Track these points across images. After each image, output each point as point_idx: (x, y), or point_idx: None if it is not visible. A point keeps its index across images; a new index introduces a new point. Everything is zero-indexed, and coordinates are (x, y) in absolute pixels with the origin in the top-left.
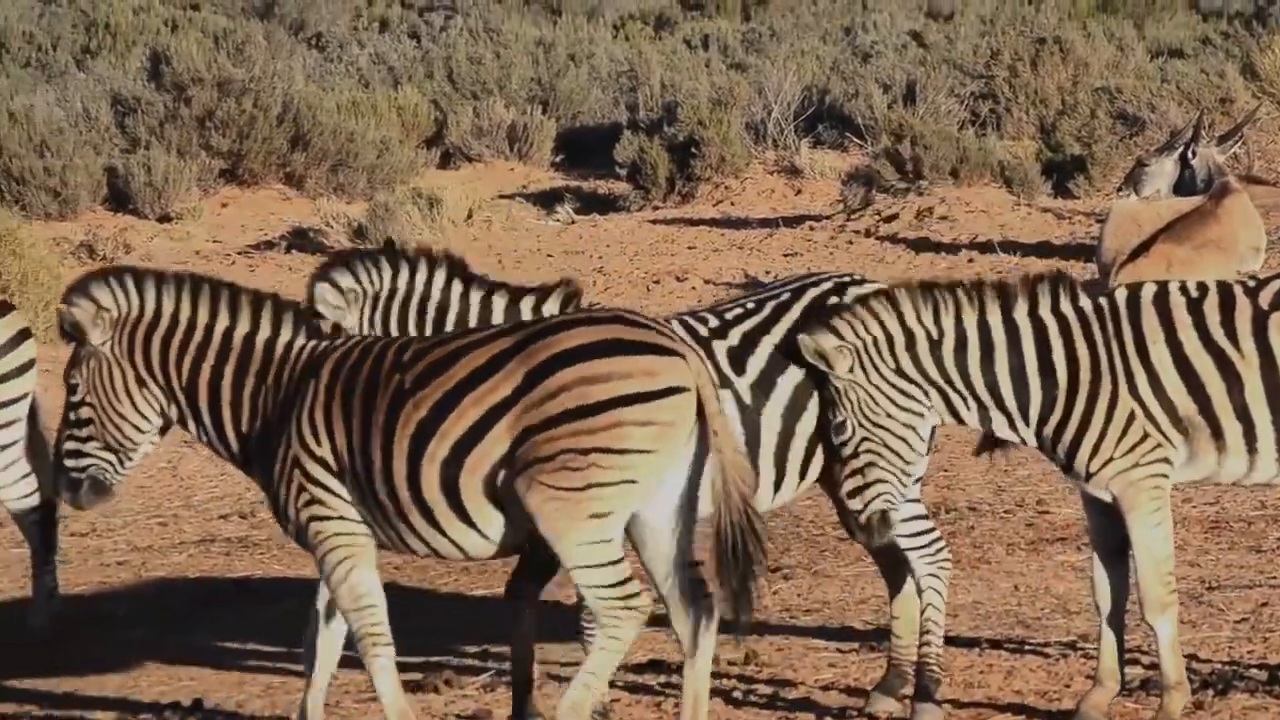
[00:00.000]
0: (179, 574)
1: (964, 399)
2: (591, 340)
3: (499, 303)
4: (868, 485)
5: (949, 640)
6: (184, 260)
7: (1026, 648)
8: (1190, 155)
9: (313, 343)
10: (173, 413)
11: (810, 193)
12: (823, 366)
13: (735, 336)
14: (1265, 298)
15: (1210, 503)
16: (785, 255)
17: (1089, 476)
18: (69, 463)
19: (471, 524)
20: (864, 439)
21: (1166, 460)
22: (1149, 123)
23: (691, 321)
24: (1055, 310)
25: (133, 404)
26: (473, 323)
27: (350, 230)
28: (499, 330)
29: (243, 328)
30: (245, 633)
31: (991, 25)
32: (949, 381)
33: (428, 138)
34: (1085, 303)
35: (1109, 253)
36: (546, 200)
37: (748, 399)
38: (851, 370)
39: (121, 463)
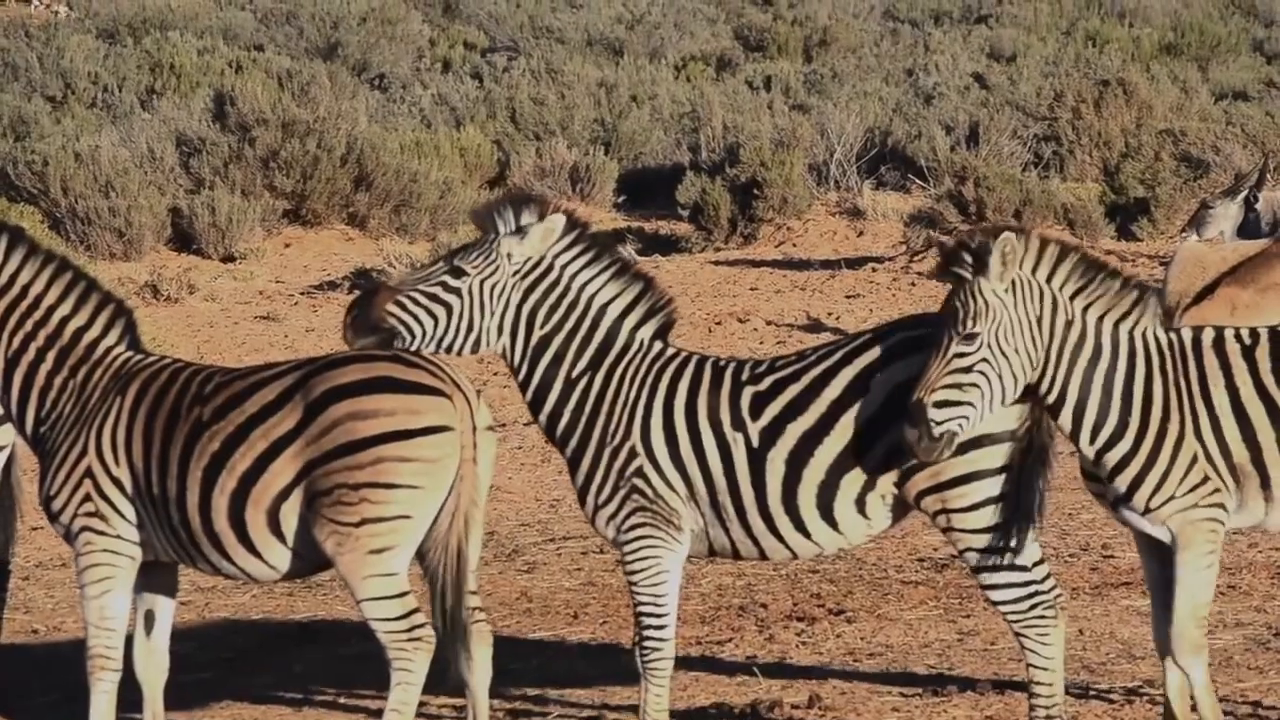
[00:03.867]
0: (242, 615)
1: (1054, 388)
2: (362, 378)
3: None
4: (958, 404)
5: (1011, 685)
6: (247, 300)
7: (1091, 693)
8: (1255, 198)
9: (128, 354)
10: None
11: (872, 234)
12: (989, 271)
13: (766, 383)
14: None
15: (1276, 548)
16: (848, 297)
17: (1148, 511)
18: None
19: (256, 553)
20: (982, 359)
21: (1223, 506)
22: (1213, 165)
23: (738, 365)
24: (1153, 333)
25: None
26: None
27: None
28: (290, 365)
29: (77, 321)
30: (309, 675)
31: (1055, 67)
32: (1057, 366)
33: (490, 178)
34: (1166, 335)
35: (1173, 295)
36: None
37: (756, 443)
38: (1008, 292)
39: None
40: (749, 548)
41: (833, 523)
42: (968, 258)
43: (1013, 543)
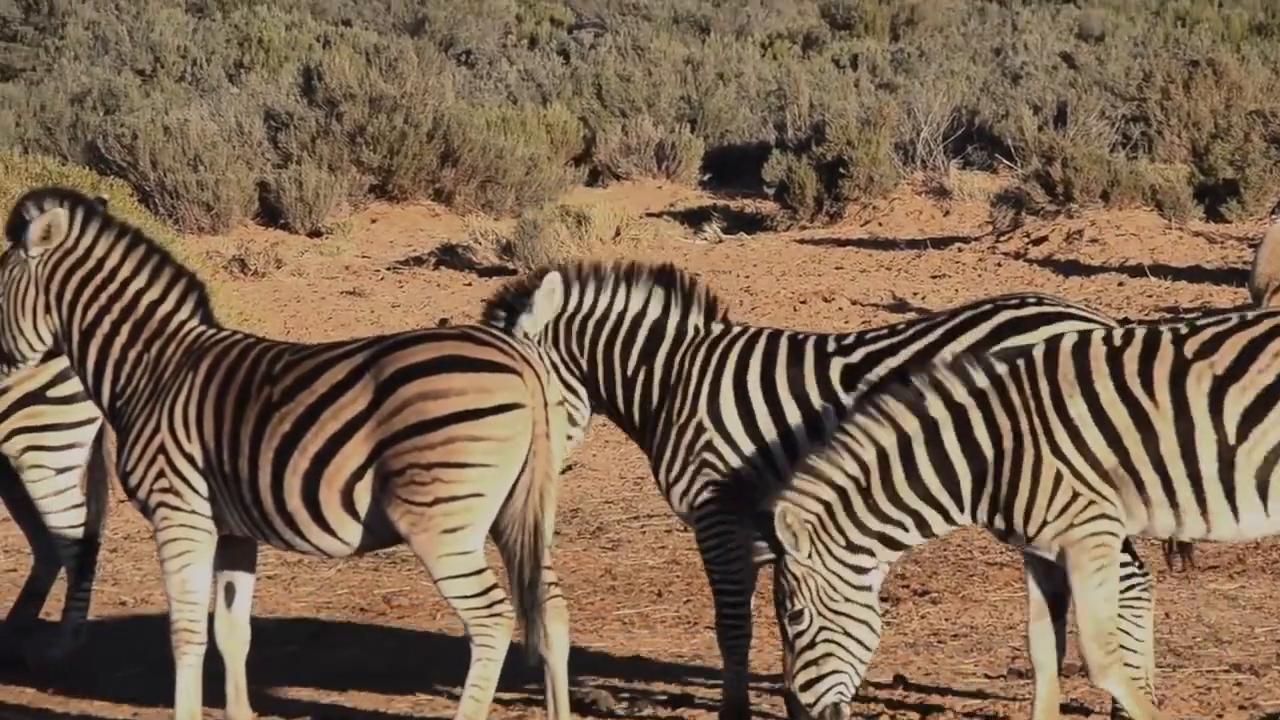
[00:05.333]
0: (327, 589)
1: (908, 521)
2: (432, 357)
3: None
4: (822, 677)
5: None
6: (334, 274)
7: (1178, 676)
8: None
9: (201, 329)
10: (64, 348)
11: (959, 214)
12: (790, 547)
13: (858, 355)
14: (1190, 347)
15: None
16: (933, 277)
17: (1030, 541)
18: None
19: (330, 531)
20: (822, 628)
21: (1106, 517)
22: None
23: (820, 339)
24: (972, 391)
25: (34, 324)
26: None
27: (498, 247)
28: (359, 344)
29: (152, 294)
30: (393, 649)
31: (1144, 47)
32: (901, 509)
33: (576, 155)
34: (997, 370)
35: (1262, 278)
36: (694, 219)
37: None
38: (810, 556)
39: (4, 369)
40: None
41: None
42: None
43: None
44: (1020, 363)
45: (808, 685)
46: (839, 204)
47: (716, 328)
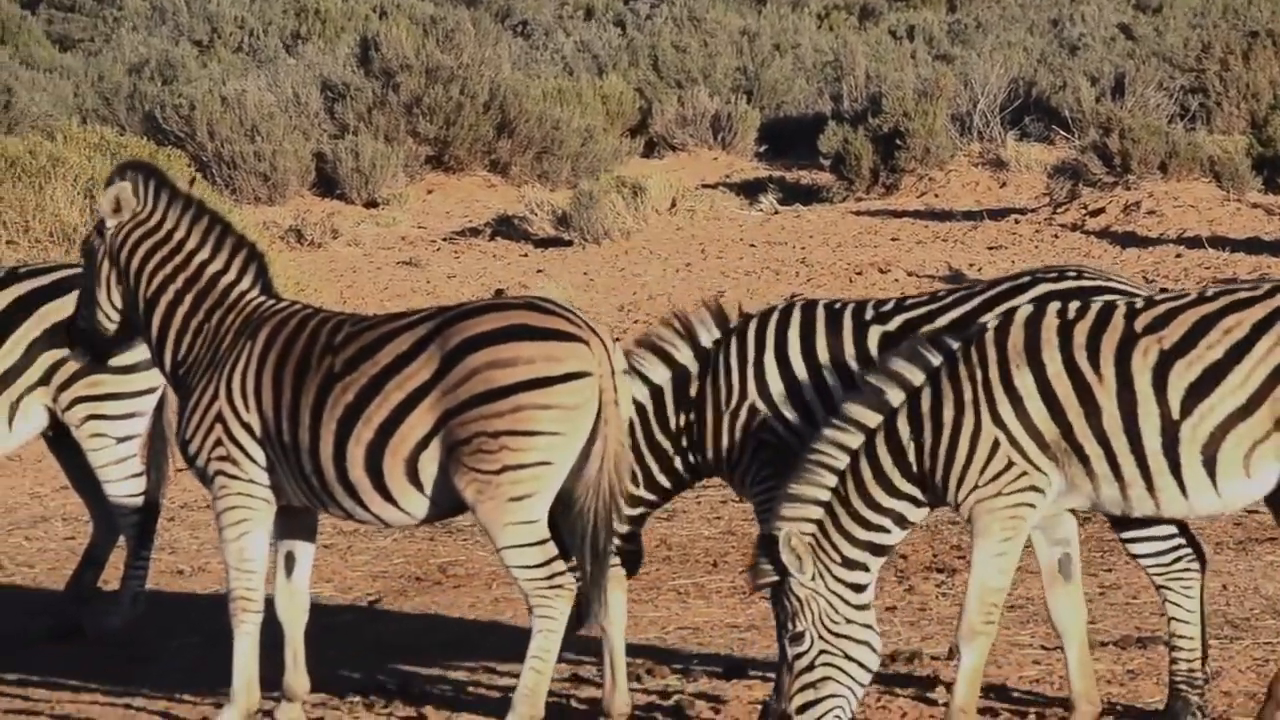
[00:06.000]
0: (383, 558)
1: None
2: (499, 326)
3: None
4: (820, 700)
5: (1155, 641)
6: (390, 245)
7: (1235, 648)
8: None
9: (260, 298)
10: (132, 318)
11: (1015, 185)
12: (794, 570)
13: (895, 323)
14: (1142, 321)
15: None
16: (990, 248)
17: (956, 506)
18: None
19: (393, 500)
20: (822, 651)
21: (1033, 489)
22: None
23: (857, 306)
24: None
25: (108, 295)
26: None
27: (554, 218)
28: (421, 315)
29: (214, 265)
30: (450, 618)
31: (1202, 18)
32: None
33: (632, 126)
34: (949, 345)
35: None
36: (750, 190)
37: None
38: (813, 578)
39: (93, 348)
40: None
41: None
42: (768, 564)
43: None
44: (973, 335)
45: (804, 708)
46: (895, 175)
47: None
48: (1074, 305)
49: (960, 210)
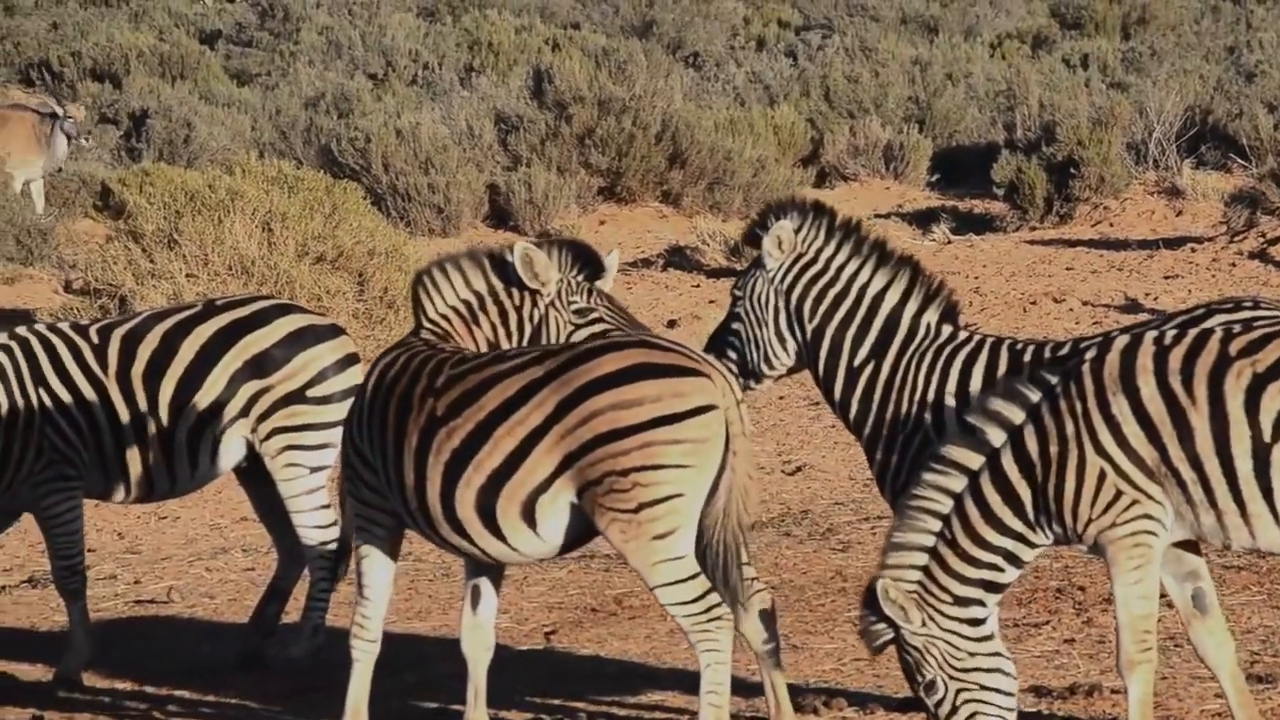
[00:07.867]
0: (559, 589)
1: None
2: (621, 367)
3: None
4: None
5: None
6: None
7: None
8: None
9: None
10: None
11: (1191, 214)
12: (901, 621)
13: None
14: (1238, 345)
15: None
16: (1166, 277)
17: (1079, 539)
18: None
19: (503, 539)
20: (959, 691)
21: (1149, 517)
22: None
23: (1038, 347)
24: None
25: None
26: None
27: (726, 249)
28: (529, 358)
29: None
30: (625, 649)
31: None
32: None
33: (804, 156)
34: (1049, 381)
35: None
36: (922, 220)
37: None
38: (924, 624)
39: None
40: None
41: None
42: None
43: None
44: (1072, 369)
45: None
46: (1069, 204)
47: (946, 330)
48: (1171, 331)
49: (1136, 239)
